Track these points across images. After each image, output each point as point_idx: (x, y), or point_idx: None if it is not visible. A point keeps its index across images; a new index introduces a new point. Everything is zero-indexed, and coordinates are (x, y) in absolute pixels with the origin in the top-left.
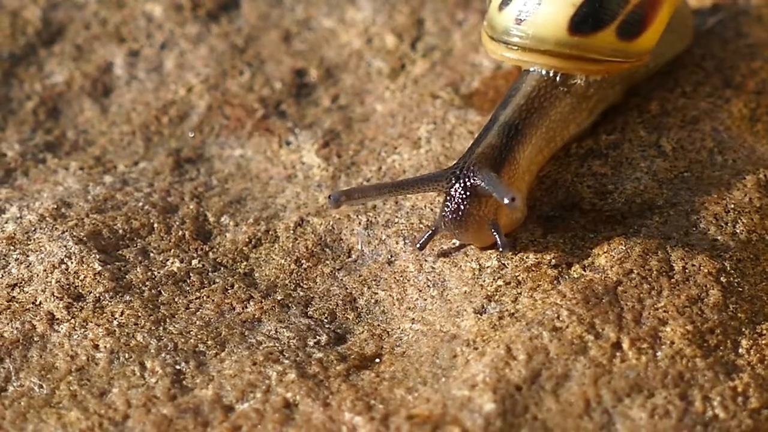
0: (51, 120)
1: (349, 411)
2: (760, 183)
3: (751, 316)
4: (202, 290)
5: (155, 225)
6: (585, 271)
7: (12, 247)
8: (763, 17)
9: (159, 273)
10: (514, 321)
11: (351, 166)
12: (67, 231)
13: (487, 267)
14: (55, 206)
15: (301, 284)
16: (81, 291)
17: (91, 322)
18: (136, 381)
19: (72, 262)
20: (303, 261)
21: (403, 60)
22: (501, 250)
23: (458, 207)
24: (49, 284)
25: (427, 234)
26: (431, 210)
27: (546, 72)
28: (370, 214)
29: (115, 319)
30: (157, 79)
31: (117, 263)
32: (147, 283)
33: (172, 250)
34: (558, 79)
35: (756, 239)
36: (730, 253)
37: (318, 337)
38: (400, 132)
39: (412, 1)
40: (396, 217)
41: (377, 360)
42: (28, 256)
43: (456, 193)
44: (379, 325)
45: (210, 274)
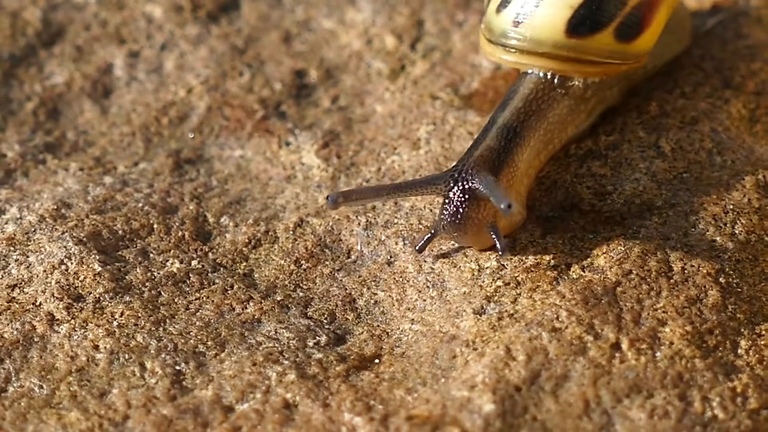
0: (51, 121)
1: (348, 411)
2: (759, 184)
3: (750, 317)
4: (201, 291)
5: (155, 226)
6: (584, 271)
7: (12, 248)
8: (763, 18)
9: (159, 274)
10: (513, 322)
11: (350, 167)
12: (67, 232)
13: (487, 268)
14: (55, 207)
15: (301, 285)
16: (81, 292)
17: (91, 322)
18: (136, 381)
19: (72, 263)
20: (302, 262)
21: (403, 61)
22: (501, 253)
23: (457, 210)
24: (49, 285)
25: (425, 237)
26: (430, 211)
27: (544, 74)
28: (370, 215)
29: (115, 319)
30: (157, 80)
31: (117, 264)
32: (147, 284)
33: (172, 251)
34: (556, 81)
35: (755, 240)
36: (728, 254)
37: (318, 338)
38: (399, 133)
39: (412, 2)
40: (395, 217)
41: (377, 360)
42: (28, 256)
43: (454, 197)
44: (378, 326)
45: (210, 274)
